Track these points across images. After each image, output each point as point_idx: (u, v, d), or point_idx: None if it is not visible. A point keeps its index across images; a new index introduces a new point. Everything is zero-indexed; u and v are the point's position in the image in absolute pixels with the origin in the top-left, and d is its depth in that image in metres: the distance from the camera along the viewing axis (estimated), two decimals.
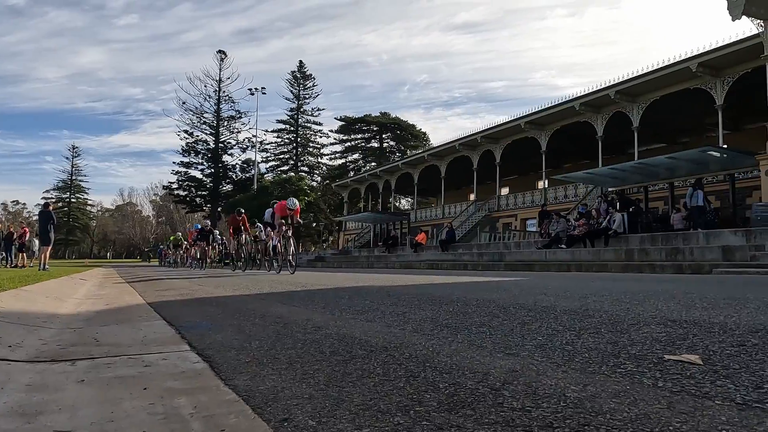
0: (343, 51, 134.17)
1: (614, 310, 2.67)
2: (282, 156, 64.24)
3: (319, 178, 64.10)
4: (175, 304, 4.05)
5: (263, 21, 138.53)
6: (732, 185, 17.96)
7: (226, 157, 60.04)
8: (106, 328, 2.79)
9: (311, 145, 64.72)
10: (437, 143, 36.15)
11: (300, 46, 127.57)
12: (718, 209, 18.54)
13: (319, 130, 64.25)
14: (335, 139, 63.60)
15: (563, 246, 16.06)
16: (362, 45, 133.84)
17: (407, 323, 2.47)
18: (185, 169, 59.26)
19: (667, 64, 19.35)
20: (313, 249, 28.49)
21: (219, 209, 54.69)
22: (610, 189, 21.92)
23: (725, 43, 17.52)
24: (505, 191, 31.61)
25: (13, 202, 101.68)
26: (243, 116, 60.01)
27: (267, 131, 64.23)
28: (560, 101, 24.28)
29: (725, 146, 18.08)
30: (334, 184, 48.95)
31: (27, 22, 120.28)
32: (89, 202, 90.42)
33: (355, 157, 63.14)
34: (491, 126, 28.85)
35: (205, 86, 59.99)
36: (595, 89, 22.35)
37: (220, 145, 59.27)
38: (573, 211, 21.26)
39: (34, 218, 59.41)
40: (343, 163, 62.27)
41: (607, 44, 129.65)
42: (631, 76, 20.73)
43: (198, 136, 58.96)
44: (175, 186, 60.31)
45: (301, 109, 63.70)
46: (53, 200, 73.59)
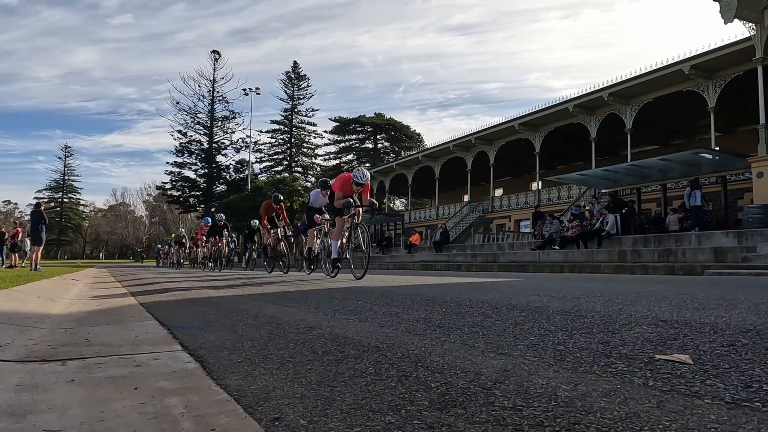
0: (338, 52, 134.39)
1: (606, 310, 2.68)
2: (276, 156, 64.15)
3: (313, 179, 63.97)
4: (168, 305, 4.03)
5: (258, 21, 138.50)
6: (724, 187, 18.09)
7: (219, 158, 59.84)
8: (97, 328, 2.78)
9: (305, 145, 64.66)
10: (431, 144, 36.27)
11: (295, 47, 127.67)
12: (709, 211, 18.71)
13: (314, 131, 64.20)
14: (329, 139, 63.64)
15: (556, 247, 16.11)
16: (357, 46, 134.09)
17: (400, 323, 2.47)
18: (179, 170, 59.04)
19: (660, 66, 19.48)
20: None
21: (213, 209, 54.49)
22: (603, 190, 22.03)
23: (718, 45, 17.66)
24: (498, 192, 31.72)
25: (5, 202, 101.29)
26: (237, 116, 59.85)
27: (261, 132, 64.24)
28: (554, 103, 24.39)
29: (717, 148, 18.23)
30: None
31: (20, 20, 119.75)
32: (82, 202, 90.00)
33: (350, 157, 63.18)
34: (485, 127, 28.92)
35: (199, 86, 59.75)
36: (588, 91, 22.46)
37: (213, 145, 59.07)
38: (566, 213, 21.34)
39: (26, 218, 59.00)
40: (337, 164, 62.27)
41: (602, 46, 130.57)
42: (624, 78, 20.84)
43: (192, 136, 58.74)
44: (168, 186, 60.09)
45: (296, 110, 63.61)
46: (45, 200, 73.14)
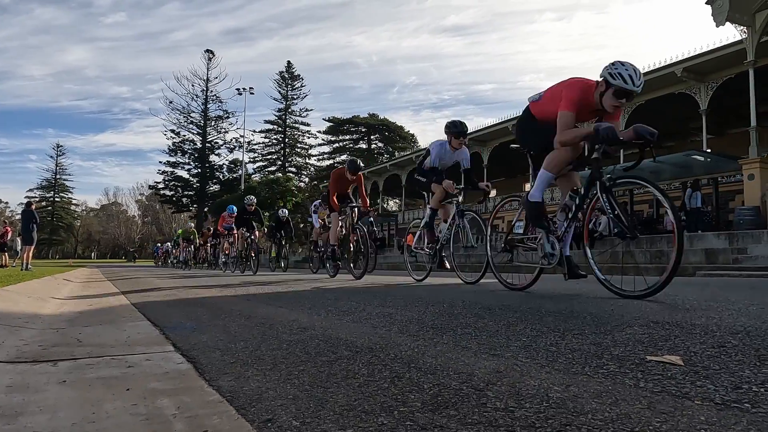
0: (333, 52, 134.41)
1: (599, 311, 2.69)
2: (270, 156, 64.05)
3: (306, 179, 64.00)
4: (161, 305, 4.01)
5: (252, 21, 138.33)
6: (715, 189, 18.23)
7: (213, 157, 59.77)
8: (89, 328, 2.76)
9: (299, 145, 64.63)
10: (425, 145, 36.25)
11: (289, 47, 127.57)
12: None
13: (307, 131, 64.19)
14: (323, 140, 63.62)
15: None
16: (352, 46, 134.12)
17: (393, 324, 2.47)
18: (172, 169, 58.90)
19: (652, 68, 19.59)
20: (300, 250, 28.44)
21: (206, 209, 54.36)
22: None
23: (710, 48, 17.79)
24: (492, 193, 31.78)
25: None
26: (230, 116, 59.82)
27: (255, 131, 64.12)
28: None
29: (709, 150, 18.36)
30: (321, 185, 48.89)
31: (12, 18, 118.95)
32: (73, 202, 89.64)
33: (343, 158, 63.11)
34: (479, 128, 28.97)
35: (193, 86, 59.77)
36: None
37: (207, 145, 58.94)
38: (559, 214, 21.39)
39: (17, 217, 58.60)
40: (331, 164, 62.22)
41: (595, 48, 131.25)
42: None
43: (185, 135, 58.64)
44: (161, 186, 59.93)
45: (289, 110, 63.58)
46: (36, 199, 72.65)
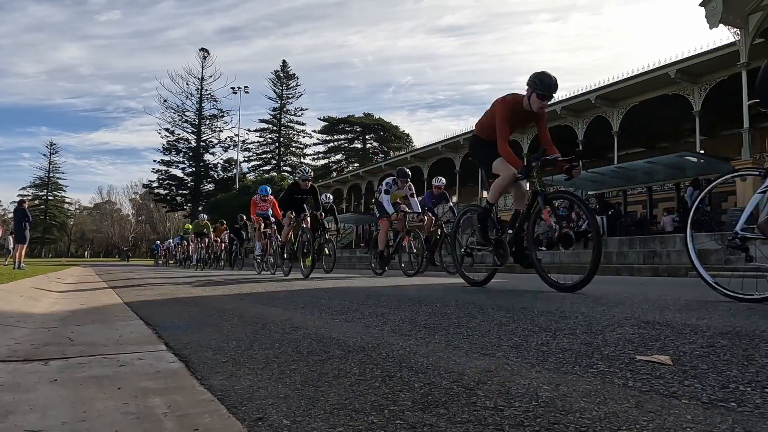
0: (328, 51, 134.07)
1: (590, 311, 2.71)
2: (264, 156, 63.94)
3: None
4: (153, 304, 4.00)
5: (248, 20, 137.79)
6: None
7: (207, 156, 59.61)
8: (81, 327, 2.75)
9: (294, 145, 64.52)
10: (420, 145, 36.25)
11: (285, 46, 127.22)
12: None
13: (302, 130, 64.11)
14: (318, 139, 63.54)
15: (543, 248, 16.20)
16: (347, 46, 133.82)
17: (386, 324, 2.47)
18: (166, 168, 58.72)
19: (646, 70, 19.68)
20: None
21: (200, 208, 54.14)
22: (590, 192, 22.21)
23: (703, 50, 17.88)
24: (486, 194, 31.85)
25: None
26: (225, 115, 59.70)
27: (249, 131, 64.07)
28: None
29: (702, 152, 18.47)
30: (316, 184, 48.81)
31: (5, 16, 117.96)
32: (67, 200, 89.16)
33: (338, 157, 63.12)
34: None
35: (187, 84, 59.60)
36: (576, 93, 22.62)
37: (201, 143, 58.78)
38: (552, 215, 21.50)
39: (9, 216, 58.16)
40: (326, 164, 62.22)
41: (590, 49, 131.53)
42: (611, 82, 21.04)
43: (179, 134, 58.49)
44: (155, 184, 59.73)
45: (284, 109, 63.49)
46: (29, 197, 72.25)
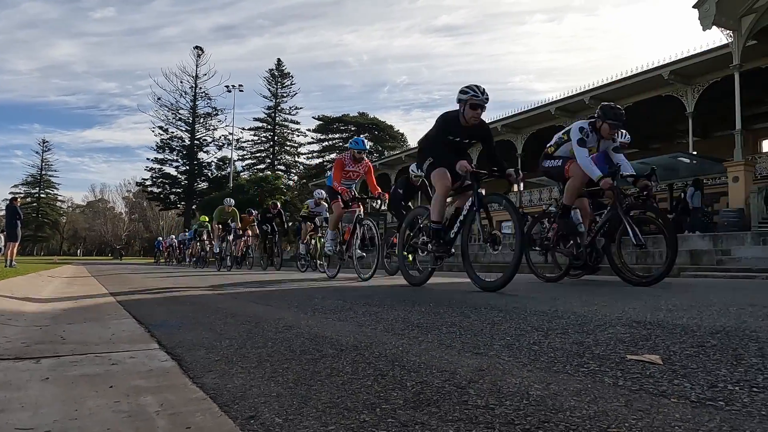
0: (324, 50, 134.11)
1: (582, 311, 2.72)
2: (259, 154, 63.79)
3: (296, 177, 63.80)
4: (146, 303, 3.99)
5: (243, 18, 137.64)
6: (701, 191, 18.43)
7: (201, 155, 59.38)
8: (73, 326, 2.74)
9: (288, 143, 64.41)
10: (414, 144, 36.25)
11: (280, 45, 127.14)
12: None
13: (297, 129, 64.01)
14: (313, 138, 63.46)
15: (537, 248, 16.23)
16: (343, 45, 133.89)
17: (379, 323, 2.48)
18: (159, 166, 58.45)
19: (640, 71, 19.79)
20: (288, 248, 28.39)
21: (194, 207, 53.99)
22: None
23: (696, 52, 17.99)
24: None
25: None
26: (219, 113, 59.47)
27: (244, 129, 64.00)
28: (536, 105, 24.62)
29: (695, 153, 18.58)
30: (311, 183, 48.80)
31: None
32: (59, 198, 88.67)
33: (333, 156, 62.99)
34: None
35: (182, 82, 59.29)
36: (570, 94, 22.71)
37: (195, 142, 58.56)
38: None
39: (1, 213, 57.82)
40: (320, 163, 62.10)
41: (585, 50, 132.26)
42: (605, 82, 21.14)
43: (173, 132, 58.21)
44: (148, 183, 59.46)
45: (279, 108, 63.36)
46: (21, 195, 71.80)
